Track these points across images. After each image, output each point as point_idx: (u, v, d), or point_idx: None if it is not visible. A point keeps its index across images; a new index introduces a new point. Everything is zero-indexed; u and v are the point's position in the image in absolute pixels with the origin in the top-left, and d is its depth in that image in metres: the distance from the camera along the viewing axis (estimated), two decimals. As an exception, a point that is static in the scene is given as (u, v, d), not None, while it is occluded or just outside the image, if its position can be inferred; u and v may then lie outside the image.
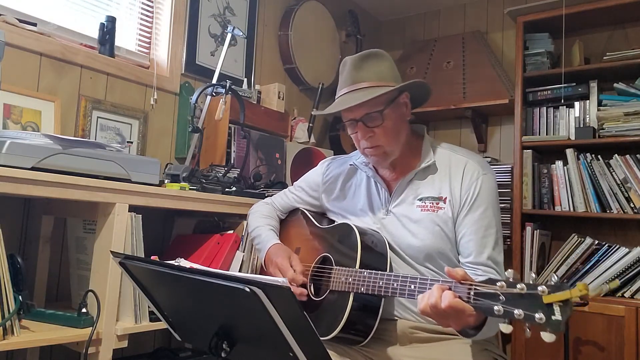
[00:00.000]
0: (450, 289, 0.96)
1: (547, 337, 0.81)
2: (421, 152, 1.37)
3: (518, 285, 0.85)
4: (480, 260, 1.23)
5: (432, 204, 1.31)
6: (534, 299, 0.83)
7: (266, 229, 1.55)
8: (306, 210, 1.58)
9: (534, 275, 0.87)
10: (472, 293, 0.92)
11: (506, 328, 0.86)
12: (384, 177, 1.41)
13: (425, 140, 1.39)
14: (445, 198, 1.30)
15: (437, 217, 1.29)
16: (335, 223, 1.45)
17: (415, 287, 1.09)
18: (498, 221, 1.29)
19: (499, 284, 0.88)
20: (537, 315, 0.81)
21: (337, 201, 1.50)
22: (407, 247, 1.31)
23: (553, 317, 0.80)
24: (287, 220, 1.65)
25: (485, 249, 1.24)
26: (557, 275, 0.85)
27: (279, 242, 1.51)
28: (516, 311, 0.84)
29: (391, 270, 1.28)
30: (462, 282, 0.95)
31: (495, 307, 0.87)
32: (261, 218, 1.60)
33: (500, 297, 0.87)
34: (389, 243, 1.32)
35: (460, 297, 0.93)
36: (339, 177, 1.52)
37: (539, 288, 0.83)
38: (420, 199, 1.32)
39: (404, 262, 1.31)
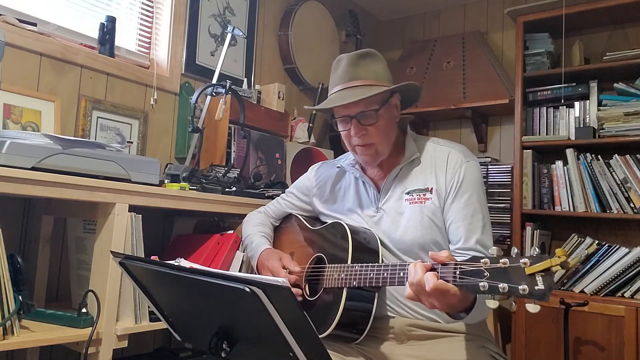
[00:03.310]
0: (434, 269, 0.96)
1: (532, 307, 0.83)
2: (405, 147, 1.39)
3: (501, 260, 0.87)
4: (469, 245, 1.24)
5: (420, 195, 1.32)
6: (516, 271, 0.85)
7: (258, 236, 1.56)
8: (299, 215, 1.60)
9: (516, 250, 0.89)
10: (457, 272, 0.93)
11: (493, 304, 0.87)
12: (371, 177, 1.42)
13: (408, 135, 1.41)
14: (432, 188, 1.31)
15: (425, 208, 1.30)
16: (327, 223, 1.46)
17: (404, 274, 1.09)
18: (484, 206, 1.30)
19: (482, 260, 0.90)
20: (520, 287, 0.83)
21: (328, 204, 1.52)
22: (399, 242, 1.32)
23: (536, 287, 0.82)
24: (280, 227, 1.66)
25: (474, 234, 1.25)
26: (537, 249, 0.86)
27: (271, 247, 1.52)
28: (500, 285, 0.85)
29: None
30: (447, 262, 0.96)
31: (481, 284, 0.88)
32: (253, 226, 1.62)
33: (485, 273, 0.89)
34: (381, 240, 1.33)
35: (445, 278, 0.94)
36: (328, 180, 1.54)
37: (521, 260, 0.85)
38: (408, 193, 1.34)
39: (397, 258, 1.32)
